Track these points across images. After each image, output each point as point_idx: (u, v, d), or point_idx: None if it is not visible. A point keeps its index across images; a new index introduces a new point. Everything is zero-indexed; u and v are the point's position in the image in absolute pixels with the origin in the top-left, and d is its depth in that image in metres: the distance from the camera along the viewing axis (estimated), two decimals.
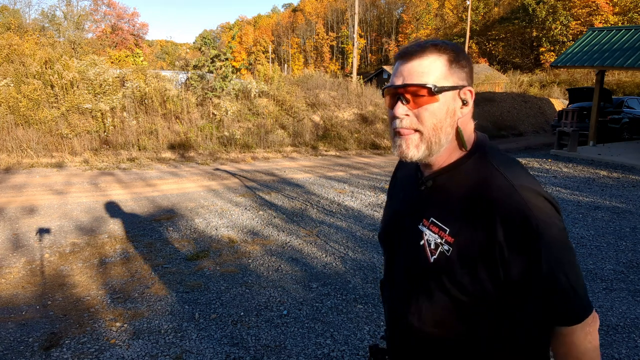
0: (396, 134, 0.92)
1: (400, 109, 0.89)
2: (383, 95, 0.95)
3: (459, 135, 0.92)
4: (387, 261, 1.10)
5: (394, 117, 0.91)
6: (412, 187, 1.03)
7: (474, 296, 0.88)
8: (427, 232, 0.93)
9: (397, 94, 0.90)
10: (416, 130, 0.90)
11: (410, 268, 0.97)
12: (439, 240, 0.90)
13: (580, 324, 0.85)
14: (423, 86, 0.87)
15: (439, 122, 0.89)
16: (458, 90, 0.91)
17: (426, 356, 0.97)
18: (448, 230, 0.89)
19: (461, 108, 0.92)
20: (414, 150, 0.91)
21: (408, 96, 0.89)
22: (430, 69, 0.88)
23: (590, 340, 0.86)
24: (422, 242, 0.93)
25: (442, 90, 0.88)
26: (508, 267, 0.83)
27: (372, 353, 1.15)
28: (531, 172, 7.08)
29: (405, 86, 0.88)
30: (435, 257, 0.90)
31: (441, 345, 0.94)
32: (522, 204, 0.83)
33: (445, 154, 0.93)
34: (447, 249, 0.88)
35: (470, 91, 0.92)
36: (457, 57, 0.91)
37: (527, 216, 0.82)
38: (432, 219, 0.93)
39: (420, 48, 0.89)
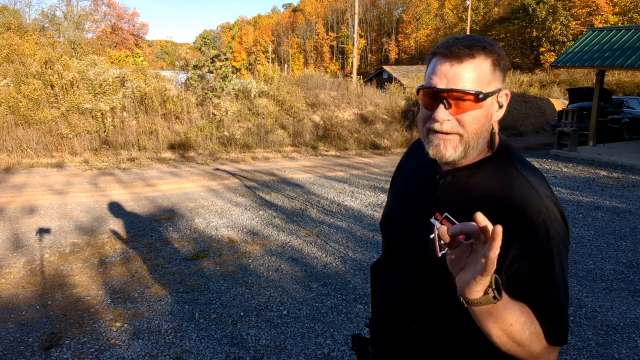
0: (433, 132, 0.90)
1: (442, 113, 0.86)
2: (418, 93, 0.92)
3: (492, 137, 0.92)
4: (387, 250, 1.08)
5: (432, 119, 0.88)
6: (426, 179, 1.00)
7: None
8: (439, 226, 0.92)
9: (439, 96, 0.87)
10: (456, 133, 0.88)
11: (417, 262, 0.95)
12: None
13: (553, 347, 0.84)
14: (470, 93, 0.84)
15: (480, 127, 0.88)
16: (497, 94, 0.89)
17: (423, 351, 0.96)
18: None
19: (497, 111, 0.91)
20: (451, 151, 0.89)
21: (451, 101, 0.86)
22: (477, 73, 0.85)
23: None
24: (432, 236, 0.92)
25: (487, 96, 0.86)
26: (516, 273, 0.83)
27: (354, 342, 1.14)
28: None
29: (450, 91, 0.85)
30: (443, 252, 0.89)
31: (440, 342, 0.93)
32: (543, 212, 0.83)
33: (475, 154, 0.92)
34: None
35: (507, 94, 0.91)
36: (500, 58, 0.88)
37: (546, 225, 0.82)
38: (446, 214, 0.92)
39: (468, 49, 0.85)
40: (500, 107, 0.91)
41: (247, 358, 2.68)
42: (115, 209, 5.83)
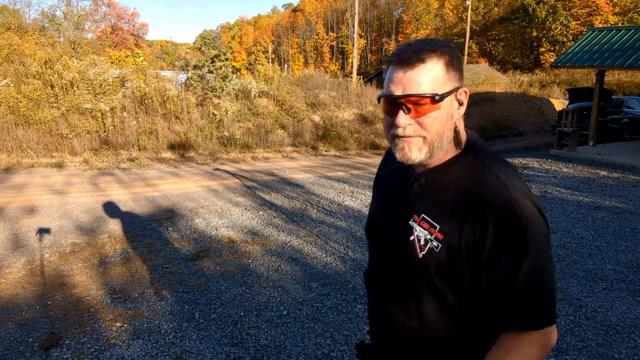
0: (397, 137, 0.92)
1: (403, 118, 0.89)
2: (379, 102, 0.95)
3: (456, 135, 0.93)
4: (373, 255, 1.11)
5: (394, 125, 0.90)
6: (403, 183, 1.03)
7: (459, 294, 0.89)
8: (418, 228, 0.94)
9: (397, 102, 0.89)
10: (419, 136, 0.90)
11: (398, 263, 0.98)
12: (428, 237, 0.91)
13: (536, 331, 0.84)
14: (426, 96, 0.86)
15: (441, 127, 0.90)
16: (455, 92, 0.91)
17: (412, 351, 0.97)
18: (438, 227, 0.90)
19: (458, 109, 0.93)
20: (416, 152, 0.91)
21: (410, 105, 0.88)
22: (430, 76, 0.87)
23: (533, 353, 0.84)
24: (411, 238, 0.94)
25: (443, 97, 0.88)
26: (493, 267, 0.84)
27: (359, 350, 1.16)
28: (531, 173, 7.05)
29: (406, 96, 0.87)
30: (424, 252, 0.91)
31: (427, 341, 0.94)
32: (513, 205, 0.84)
33: (442, 154, 0.94)
34: (435, 245, 0.89)
35: (465, 92, 0.93)
36: (452, 58, 0.90)
37: (518, 217, 0.83)
38: (423, 215, 0.94)
39: (418, 54, 0.87)
40: (461, 104, 0.92)
41: (247, 358, 2.68)
42: (115, 209, 5.83)
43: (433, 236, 0.90)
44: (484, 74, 28.36)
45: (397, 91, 0.88)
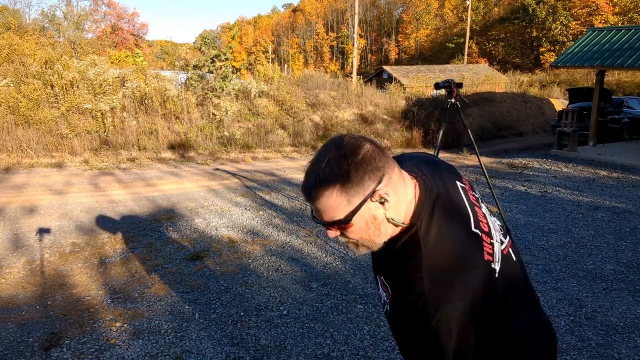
0: None
1: (330, 233, 0.96)
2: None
3: (395, 224, 0.94)
4: None
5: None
6: None
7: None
8: (380, 287, 1.03)
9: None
10: (351, 241, 0.97)
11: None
12: (385, 299, 1.00)
13: None
14: (332, 223, 0.91)
15: (364, 234, 0.94)
16: (368, 200, 0.89)
17: None
18: (391, 294, 0.97)
19: (383, 206, 0.91)
20: (357, 251, 0.99)
21: (329, 226, 0.94)
22: (331, 205, 0.89)
23: None
24: (379, 291, 1.04)
25: (348, 218, 0.90)
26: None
27: None
28: (531, 173, 7.02)
29: (321, 223, 0.94)
30: (384, 309, 1.00)
31: None
32: (423, 289, 0.89)
33: (384, 240, 0.97)
34: (388, 309, 0.97)
35: (386, 193, 0.90)
36: (348, 174, 0.87)
37: (425, 302, 0.89)
38: (382, 277, 1.02)
39: (311, 190, 0.90)
40: (384, 202, 0.91)
41: (247, 358, 2.68)
42: (116, 209, 5.83)
43: (388, 300, 0.98)
44: (484, 74, 28.36)
45: (317, 215, 0.94)
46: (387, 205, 0.92)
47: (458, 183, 1.07)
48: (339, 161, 0.88)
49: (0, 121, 9.31)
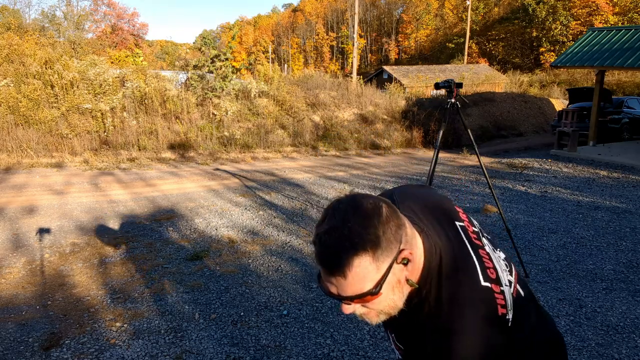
0: None
1: (347, 309, 0.87)
2: (319, 286, 0.93)
3: (409, 284, 0.89)
4: None
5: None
6: None
7: None
8: (392, 343, 1.01)
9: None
10: (372, 310, 0.89)
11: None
12: (399, 356, 0.99)
13: None
14: (364, 294, 0.82)
15: (390, 301, 0.87)
16: (394, 263, 0.83)
17: None
18: (404, 351, 0.96)
19: (405, 266, 0.86)
20: (375, 320, 0.91)
21: (350, 301, 0.85)
22: (360, 274, 0.80)
23: None
24: (392, 346, 1.02)
25: (381, 284, 0.82)
26: None
27: None
28: (531, 173, 7.01)
29: (342, 298, 0.84)
30: None
31: None
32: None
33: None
34: None
35: (410, 252, 0.85)
36: (378, 238, 0.80)
37: None
38: (393, 335, 1.00)
39: (339, 262, 0.79)
40: (407, 263, 0.85)
41: (247, 358, 2.68)
42: (116, 209, 5.83)
43: (401, 357, 0.97)
44: (484, 74, 28.37)
45: (332, 289, 0.84)
46: (410, 266, 0.86)
47: (457, 224, 1.01)
48: (365, 224, 0.80)
49: (0, 121, 9.31)
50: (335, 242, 0.80)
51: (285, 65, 55.62)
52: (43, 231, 4.87)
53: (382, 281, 0.82)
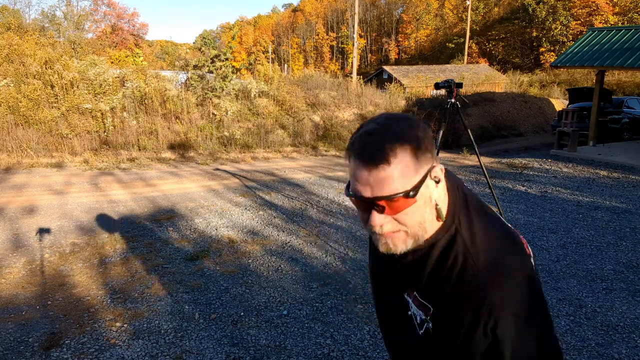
0: (376, 234, 0.85)
1: (377, 218, 0.80)
2: (347, 196, 0.83)
3: (438, 213, 0.86)
4: (385, 340, 1.11)
5: (370, 224, 0.82)
6: (391, 262, 0.97)
7: None
8: (413, 306, 0.91)
9: (368, 203, 0.81)
10: (399, 231, 0.83)
11: (405, 339, 0.96)
12: (423, 317, 0.89)
13: None
14: (398, 195, 0.77)
15: (421, 217, 0.82)
16: (429, 173, 0.81)
17: None
18: (431, 309, 0.87)
19: (436, 187, 0.84)
20: (401, 246, 0.84)
21: (382, 204, 0.79)
22: (399, 171, 0.77)
23: None
24: (409, 313, 0.92)
25: (417, 188, 0.78)
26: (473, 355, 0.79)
27: None
28: (531, 173, 7.02)
29: (376, 199, 0.78)
30: (422, 331, 0.89)
31: None
32: (485, 297, 0.78)
33: (427, 237, 0.88)
34: (430, 326, 0.87)
35: (442, 169, 0.84)
36: (419, 140, 0.79)
37: (491, 310, 0.77)
38: (415, 293, 0.91)
39: (383, 150, 0.76)
40: (438, 182, 0.83)
41: (247, 358, 2.68)
42: (116, 209, 5.83)
43: (428, 317, 0.87)
44: (484, 74, 28.37)
45: (365, 192, 0.79)
46: (439, 188, 0.83)
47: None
48: (406, 126, 0.79)
49: (0, 121, 9.31)
50: (378, 137, 0.78)
51: (285, 65, 55.63)
52: (43, 231, 4.87)
53: (419, 185, 0.78)
